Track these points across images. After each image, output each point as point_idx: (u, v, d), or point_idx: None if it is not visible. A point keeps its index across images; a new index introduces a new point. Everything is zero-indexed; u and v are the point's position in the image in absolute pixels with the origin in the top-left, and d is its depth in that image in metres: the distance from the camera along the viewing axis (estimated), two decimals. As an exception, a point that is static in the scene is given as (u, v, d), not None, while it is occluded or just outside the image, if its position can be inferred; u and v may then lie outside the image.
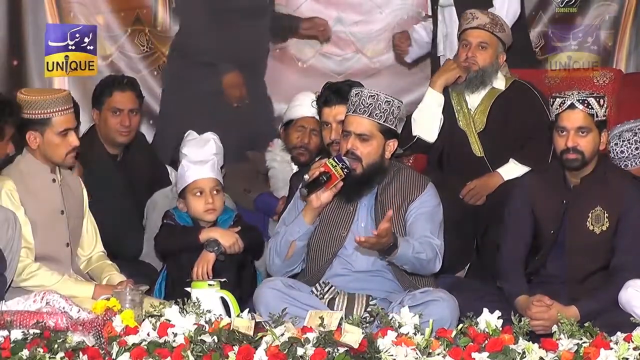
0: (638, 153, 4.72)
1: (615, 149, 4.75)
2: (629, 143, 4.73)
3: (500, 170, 4.87)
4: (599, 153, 4.24)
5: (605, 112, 4.20)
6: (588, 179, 4.23)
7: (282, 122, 5.32)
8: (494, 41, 4.98)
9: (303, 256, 4.21)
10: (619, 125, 4.88)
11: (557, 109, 4.18)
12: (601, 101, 4.17)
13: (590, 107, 4.14)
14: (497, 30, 4.96)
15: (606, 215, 4.19)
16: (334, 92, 4.62)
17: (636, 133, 4.75)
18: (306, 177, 4.09)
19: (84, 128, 5.32)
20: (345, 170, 4.07)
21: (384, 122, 4.13)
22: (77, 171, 4.64)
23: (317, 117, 5.00)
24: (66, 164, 4.27)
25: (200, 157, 4.64)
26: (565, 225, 4.23)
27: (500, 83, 5.01)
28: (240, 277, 4.54)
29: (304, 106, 5.14)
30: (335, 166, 4.06)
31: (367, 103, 4.12)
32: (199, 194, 4.57)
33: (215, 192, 4.57)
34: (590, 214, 4.21)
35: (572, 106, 4.15)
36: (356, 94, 4.16)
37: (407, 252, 3.97)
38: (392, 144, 4.19)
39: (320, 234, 4.19)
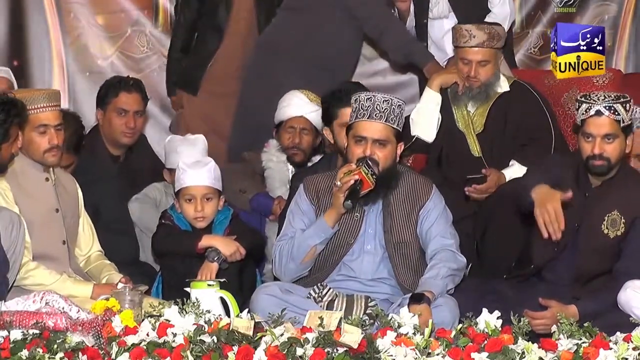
0: None
1: None
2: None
3: (505, 172, 4.85)
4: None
5: (631, 115, 4.15)
6: (609, 182, 4.20)
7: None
8: (494, 54, 4.92)
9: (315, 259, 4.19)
10: None
11: (582, 114, 4.13)
12: (627, 105, 4.13)
13: (616, 113, 4.10)
14: (495, 44, 4.92)
15: (623, 220, 4.16)
16: (346, 93, 4.62)
17: None
18: (338, 183, 4.02)
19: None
20: (374, 177, 4.04)
21: (396, 126, 4.13)
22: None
23: (307, 117, 5.02)
24: (47, 162, 4.21)
25: (197, 159, 4.60)
26: (581, 226, 4.19)
27: (503, 86, 4.99)
28: (242, 281, 4.52)
29: (292, 106, 5.13)
30: (367, 173, 4.01)
31: (382, 108, 4.09)
32: (190, 199, 4.52)
33: (206, 199, 4.51)
34: (606, 218, 4.18)
35: (598, 113, 4.09)
36: (368, 98, 4.12)
37: (442, 292, 3.99)
38: (400, 147, 4.20)
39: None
